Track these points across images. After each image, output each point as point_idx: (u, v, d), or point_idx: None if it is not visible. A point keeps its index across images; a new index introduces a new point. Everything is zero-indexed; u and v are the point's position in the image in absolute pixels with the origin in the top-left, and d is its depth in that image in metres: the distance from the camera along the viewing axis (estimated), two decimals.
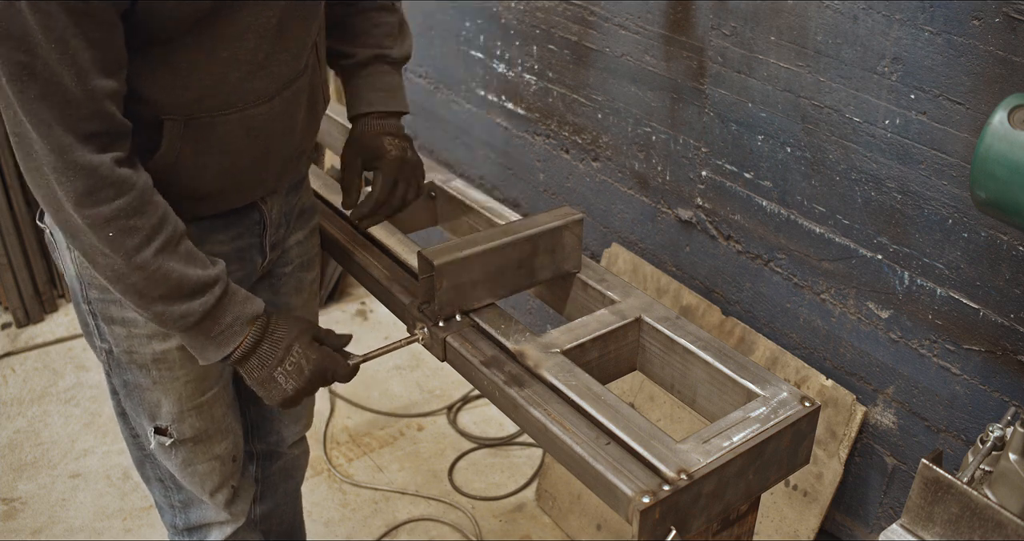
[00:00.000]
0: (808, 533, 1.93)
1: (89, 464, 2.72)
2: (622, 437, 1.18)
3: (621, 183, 2.29)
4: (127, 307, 1.41)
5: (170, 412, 1.51)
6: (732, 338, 2.05)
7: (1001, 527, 1.06)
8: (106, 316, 1.44)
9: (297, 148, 1.46)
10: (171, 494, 1.66)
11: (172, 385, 1.48)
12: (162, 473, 1.63)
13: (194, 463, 1.57)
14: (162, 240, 1.22)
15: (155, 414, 1.51)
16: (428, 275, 1.39)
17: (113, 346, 1.46)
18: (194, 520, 1.68)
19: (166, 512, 1.70)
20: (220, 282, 1.29)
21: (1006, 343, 1.57)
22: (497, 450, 2.77)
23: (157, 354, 1.45)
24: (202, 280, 1.26)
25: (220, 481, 1.62)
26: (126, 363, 1.47)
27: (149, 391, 1.49)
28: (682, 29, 1.95)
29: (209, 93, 1.24)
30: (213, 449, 1.58)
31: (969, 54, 1.46)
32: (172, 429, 1.52)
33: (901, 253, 1.68)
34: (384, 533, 2.49)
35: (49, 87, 1.08)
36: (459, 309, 1.43)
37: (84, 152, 1.13)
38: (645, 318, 1.39)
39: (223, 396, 1.57)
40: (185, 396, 1.50)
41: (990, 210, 1.19)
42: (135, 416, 1.55)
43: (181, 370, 1.47)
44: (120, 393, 1.53)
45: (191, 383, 1.49)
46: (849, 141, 1.70)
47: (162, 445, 1.54)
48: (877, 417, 1.84)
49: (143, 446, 1.60)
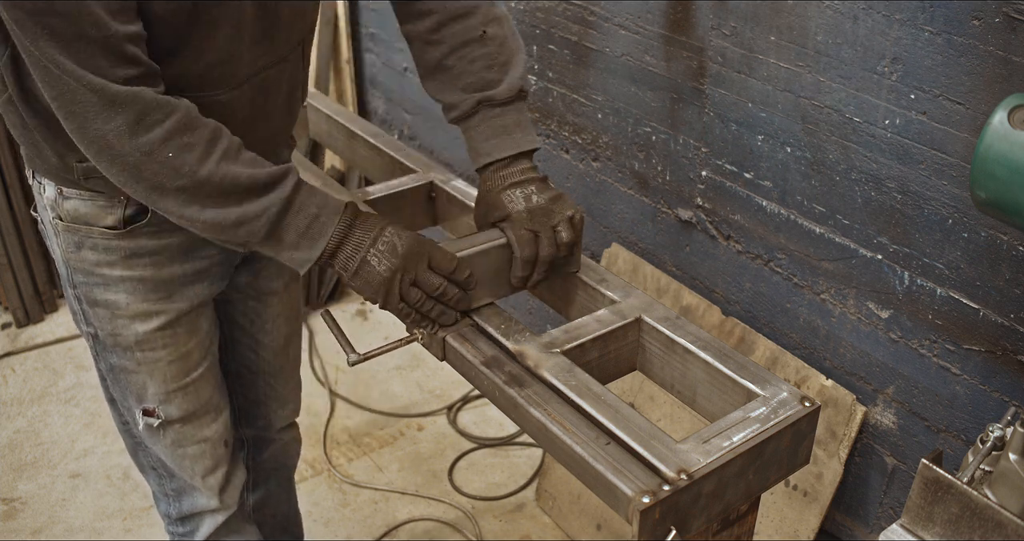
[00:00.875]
0: (808, 533, 1.93)
1: (89, 464, 2.72)
2: (622, 437, 1.18)
3: (621, 183, 2.29)
4: (110, 289, 1.45)
5: (156, 393, 1.53)
6: (732, 338, 2.05)
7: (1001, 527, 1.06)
8: (90, 299, 1.47)
9: (273, 139, 1.47)
10: (164, 482, 1.68)
11: (156, 366, 1.50)
12: (154, 460, 1.65)
13: (183, 445, 1.59)
14: (222, 149, 1.22)
15: (142, 396, 1.54)
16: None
17: (98, 330, 1.49)
18: (186, 509, 1.70)
19: (160, 501, 1.73)
20: (292, 172, 1.27)
21: (1006, 343, 1.57)
22: (497, 450, 2.77)
23: (140, 336, 1.47)
24: (273, 174, 1.25)
25: (211, 465, 1.63)
26: (111, 346, 1.50)
27: (134, 373, 1.51)
28: (682, 29, 1.95)
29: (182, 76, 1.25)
30: (202, 431, 1.60)
31: (969, 54, 1.46)
32: (159, 410, 1.54)
33: (901, 253, 1.68)
34: (384, 533, 2.49)
35: (72, 40, 1.10)
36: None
37: (122, 87, 1.15)
38: (645, 318, 1.39)
39: (209, 378, 1.59)
40: (170, 377, 1.52)
41: (990, 210, 1.19)
42: (123, 400, 1.57)
43: (164, 351, 1.49)
44: (107, 378, 1.56)
45: (174, 363, 1.51)
46: (849, 141, 1.70)
47: (150, 427, 1.56)
48: (877, 417, 1.84)
49: (134, 432, 1.62)
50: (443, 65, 1.44)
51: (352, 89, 3.29)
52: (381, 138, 2.00)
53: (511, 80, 1.43)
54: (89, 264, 1.44)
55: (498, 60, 1.43)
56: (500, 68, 1.43)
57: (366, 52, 3.25)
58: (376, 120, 3.33)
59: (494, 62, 1.43)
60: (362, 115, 3.38)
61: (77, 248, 1.43)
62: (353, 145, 2.07)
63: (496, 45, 1.43)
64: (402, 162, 1.89)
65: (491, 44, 1.43)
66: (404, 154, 1.91)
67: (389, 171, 1.95)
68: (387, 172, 1.95)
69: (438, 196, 1.82)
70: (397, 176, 1.87)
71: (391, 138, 2.00)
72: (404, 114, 3.12)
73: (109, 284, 1.45)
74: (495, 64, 1.43)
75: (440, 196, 1.82)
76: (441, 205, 1.83)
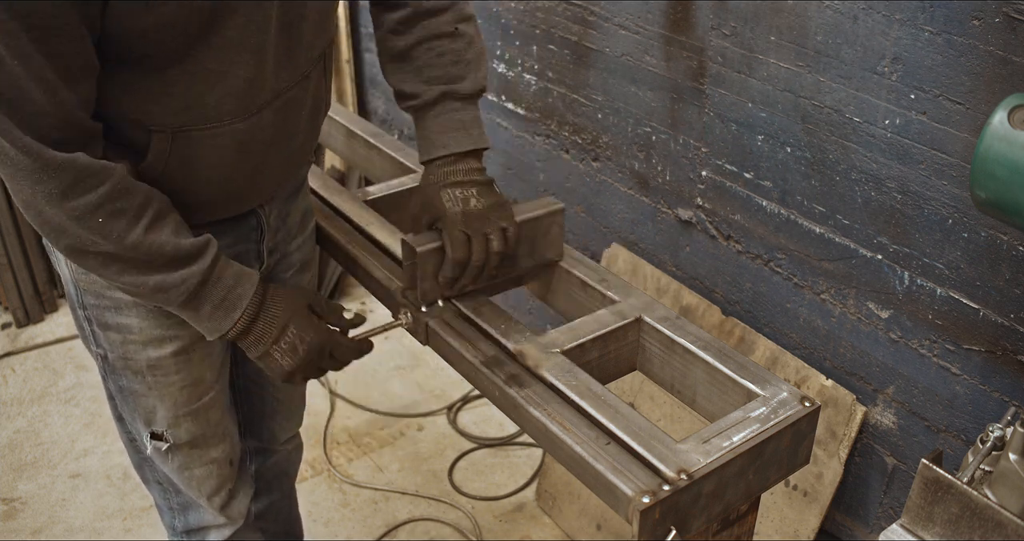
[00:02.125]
0: (808, 533, 1.93)
1: (89, 464, 2.72)
2: (622, 437, 1.18)
3: (621, 183, 2.29)
4: (123, 313, 1.41)
5: (165, 417, 1.50)
6: (732, 338, 2.05)
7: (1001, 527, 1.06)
8: (101, 322, 1.43)
9: (296, 156, 1.45)
10: (170, 496, 1.66)
11: (167, 391, 1.47)
12: (160, 476, 1.63)
13: (191, 467, 1.57)
14: (151, 216, 1.21)
15: (150, 420, 1.51)
16: (411, 262, 1.42)
17: (108, 352, 1.46)
18: (192, 523, 1.68)
19: (165, 513, 1.71)
20: (212, 244, 1.29)
21: (1006, 343, 1.57)
22: (497, 450, 2.77)
23: (152, 360, 1.44)
24: (195, 245, 1.26)
25: (217, 485, 1.62)
26: (121, 369, 1.47)
27: (144, 397, 1.48)
28: (682, 29, 1.95)
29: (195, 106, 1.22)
30: (209, 453, 1.58)
31: (969, 54, 1.46)
32: (168, 434, 1.52)
33: (901, 253, 1.68)
34: (384, 533, 2.49)
35: (16, 102, 1.07)
36: (441, 295, 1.46)
37: (58, 153, 1.12)
38: (645, 318, 1.39)
39: (219, 401, 1.56)
40: (180, 402, 1.49)
41: (990, 210, 1.19)
42: (131, 421, 1.55)
43: (176, 376, 1.46)
44: (116, 398, 1.53)
45: (186, 389, 1.49)
46: (849, 141, 1.70)
47: (158, 450, 1.54)
48: (877, 417, 1.84)
49: (140, 450, 1.60)
50: (408, 55, 1.44)
51: (352, 89, 3.29)
52: (381, 138, 2.00)
53: (475, 78, 1.44)
54: (100, 286, 1.39)
55: (465, 57, 1.43)
56: (467, 65, 1.43)
57: (366, 52, 3.25)
58: (376, 120, 3.33)
59: (461, 59, 1.43)
60: (362, 115, 3.38)
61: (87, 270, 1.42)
62: (353, 145, 2.07)
63: (465, 43, 1.43)
64: (402, 162, 1.89)
65: (460, 41, 1.43)
66: (404, 154, 1.91)
67: (389, 171, 1.95)
68: (387, 172, 1.95)
69: None
70: (397, 176, 1.88)
71: (391, 138, 2.00)
72: (404, 114, 3.12)
73: (121, 308, 1.40)
74: (462, 61, 1.43)
75: None
76: None
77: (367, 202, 1.75)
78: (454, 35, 1.42)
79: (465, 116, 1.44)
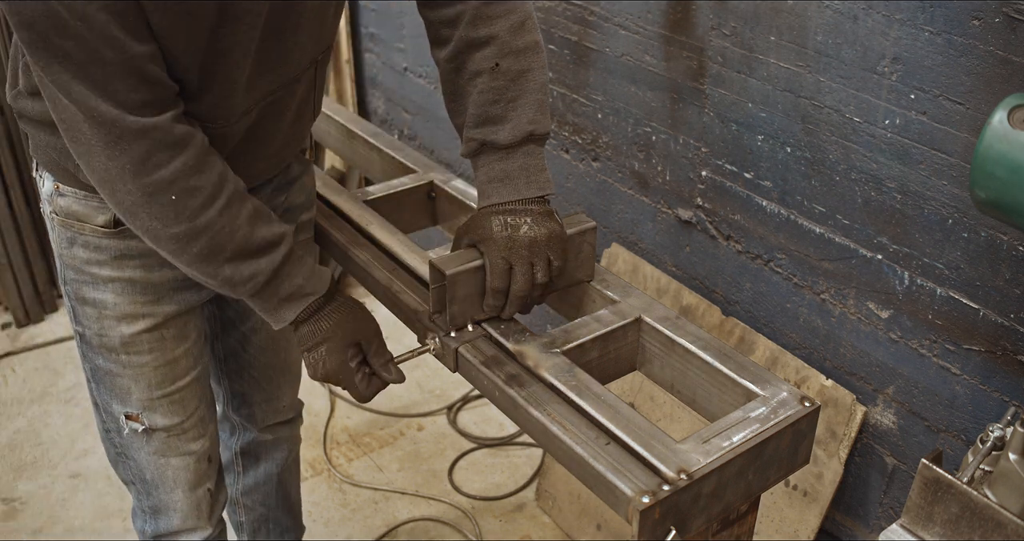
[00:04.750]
0: (808, 533, 1.93)
1: (89, 464, 2.72)
2: (622, 437, 1.18)
3: (621, 183, 2.29)
4: (99, 288, 1.43)
5: (140, 399, 1.51)
6: (732, 338, 2.05)
7: (1001, 527, 1.06)
8: (80, 297, 1.45)
9: (276, 155, 1.45)
10: (142, 498, 1.64)
11: (142, 371, 1.49)
12: (134, 473, 1.61)
13: (167, 455, 1.57)
14: (226, 197, 1.20)
15: (125, 401, 1.51)
16: (440, 285, 1.34)
17: (85, 329, 1.48)
18: (162, 528, 1.66)
19: (138, 517, 1.70)
20: (286, 239, 1.28)
21: (1006, 343, 1.57)
22: (497, 450, 2.77)
23: (125, 338, 1.46)
24: (267, 238, 1.25)
25: (194, 480, 1.61)
26: (96, 346, 1.48)
27: (119, 377, 1.49)
28: (682, 29, 1.95)
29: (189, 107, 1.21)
30: (188, 445, 1.58)
31: (969, 54, 1.46)
32: (143, 417, 1.52)
33: (901, 253, 1.68)
34: (384, 533, 2.49)
35: (88, 65, 1.06)
36: (471, 319, 1.39)
37: (137, 118, 1.11)
38: (645, 318, 1.39)
39: (196, 389, 1.56)
40: (154, 383, 1.50)
41: (990, 210, 1.19)
42: (106, 405, 1.54)
43: (149, 356, 1.48)
44: (93, 381, 1.54)
45: (160, 369, 1.49)
46: (849, 141, 1.70)
47: (135, 431, 1.53)
48: (877, 417, 1.84)
49: (116, 442, 1.58)
50: (454, 94, 1.40)
51: (352, 89, 3.29)
52: (381, 138, 2.00)
53: (516, 123, 1.34)
54: (80, 261, 1.42)
55: (505, 96, 1.34)
56: (506, 104, 1.34)
57: (366, 52, 3.25)
58: (376, 120, 3.33)
59: (501, 97, 1.34)
60: (362, 115, 3.38)
61: (70, 244, 1.42)
62: (353, 145, 2.07)
63: (507, 80, 1.34)
64: (402, 162, 1.90)
65: (501, 78, 1.34)
66: (404, 154, 1.92)
67: (389, 171, 1.95)
68: (387, 172, 1.95)
69: (438, 196, 1.82)
70: (397, 176, 1.88)
71: (391, 138, 2.00)
72: (404, 114, 3.12)
73: (97, 283, 1.43)
74: (501, 100, 1.34)
75: (440, 196, 1.82)
76: (441, 205, 1.83)
77: (367, 202, 1.75)
78: (494, 72, 1.33)
79: (510, 165, 1.35)
